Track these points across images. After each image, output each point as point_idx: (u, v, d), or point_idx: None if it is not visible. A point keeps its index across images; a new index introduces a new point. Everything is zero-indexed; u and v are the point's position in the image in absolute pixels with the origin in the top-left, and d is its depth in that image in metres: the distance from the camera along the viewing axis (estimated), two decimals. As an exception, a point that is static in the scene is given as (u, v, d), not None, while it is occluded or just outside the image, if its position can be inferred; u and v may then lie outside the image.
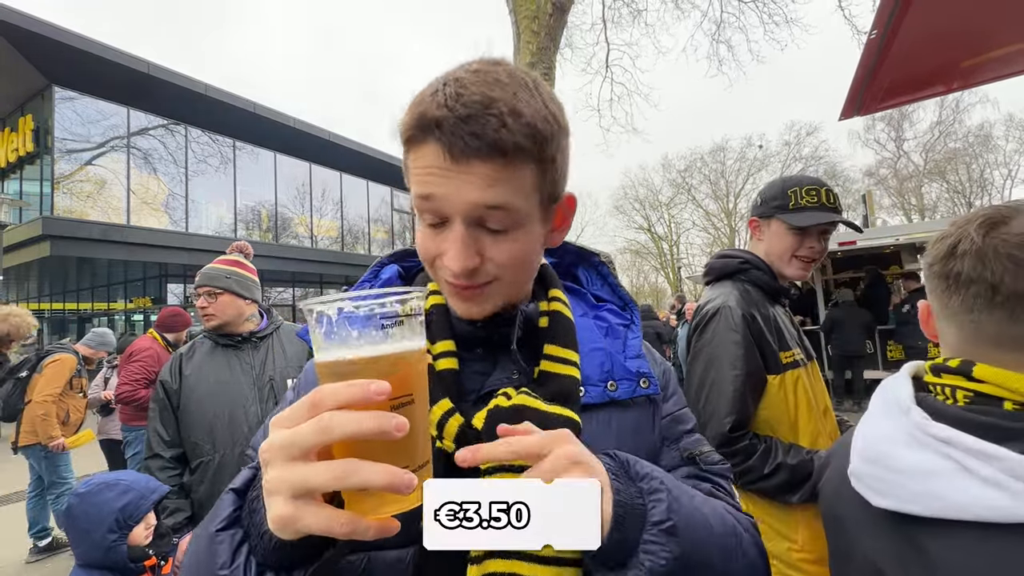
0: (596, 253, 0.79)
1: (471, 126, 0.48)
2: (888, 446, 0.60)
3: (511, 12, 5.76)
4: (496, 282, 0.57)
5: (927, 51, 1.79)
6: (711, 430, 1.24)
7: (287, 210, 15.83)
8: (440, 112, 0.49)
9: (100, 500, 1.57)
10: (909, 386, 0.64)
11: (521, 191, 0.53)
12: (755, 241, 1.53)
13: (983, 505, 0.51)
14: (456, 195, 0.51)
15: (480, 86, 0.50)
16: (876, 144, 27.78)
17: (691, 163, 31.65)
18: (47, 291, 16.62)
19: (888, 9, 1.53)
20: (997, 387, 0.57)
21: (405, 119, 0.53)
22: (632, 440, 0.63)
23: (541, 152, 0.52)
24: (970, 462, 0.52)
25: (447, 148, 0.49)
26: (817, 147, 28.77)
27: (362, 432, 0.35)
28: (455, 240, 0.52)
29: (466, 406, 0.58)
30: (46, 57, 10.24)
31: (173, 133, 13.00)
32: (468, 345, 0.63)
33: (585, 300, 0.76)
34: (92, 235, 10.85)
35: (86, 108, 11.49)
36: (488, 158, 0.49)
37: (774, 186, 1.49)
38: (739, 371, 1.26)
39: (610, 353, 0.66)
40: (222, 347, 2.07)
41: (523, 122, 0.50)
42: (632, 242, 34.14)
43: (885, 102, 2.19)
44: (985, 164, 25.60)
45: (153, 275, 13.96)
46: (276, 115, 13.91)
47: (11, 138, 11.94)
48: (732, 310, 1.34)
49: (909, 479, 0.57)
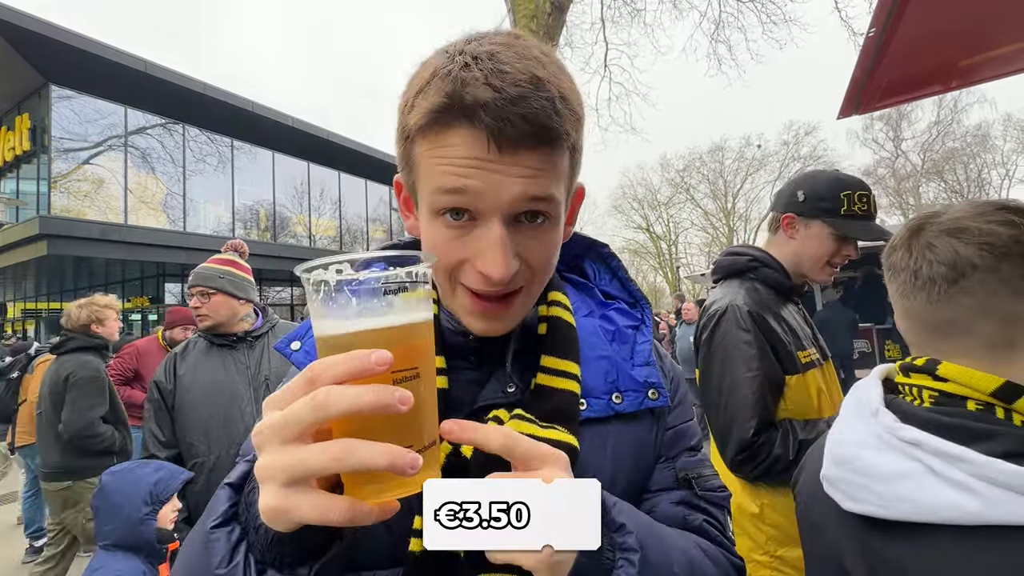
0: (605, 244, 0.71)
1: (523, 108, 0.42)
2: (857, 449, 0.60)
3: (510, 11, 5.75)
4: (523, 292, 0.52)
5: (925, 50, 1.78)
6: (735, 435, 1.19)
7: (285, 209, 15.80)
8: (484, 92, 0.42)
9: (134, 476, 1.62)
10: (879, 388, 0.65)
11: (560, 181, 0.49)
12: (783, 237, 1.39)
13: (951, 508, 0.51)
14: (499, 189, 0.45)
15: (522, 62, 0.44)
16: (874, 144, 27.85)
17: (690, 163, 31.68)
18: (44, 290, 16.55)
19: (886, 8, 1.52)
20: (961, 386, 0.57)
21: (427, 102, 0.45)
22: (630, 457, 0.59)
23: (577, 141, 0.49)
24: (938, 464, 0.52)
25: (493, 135, 0.43)
26: (815, 146, 28.80)
27: (362, 407, 0.31)
28: (495, 243, 0.46)
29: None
30: (43, 55, 10.20)
31: (171, 132, 12.96)
32: (459, 356, 0.58)
33: (592, 296, 0.69)
34: (89, 234, 10.81)
35: (83, 107, 11.45)
36: (537, 146, 0.44)
37: (821, 183, 1.33)
38: (755, 372, 1.20)
39: (616, 362, 0.61)
40: (217, 347, 2.05)
41: (570, 106, 0.46)
42: (631, 241, 34.14)
43: (883, 101, 2.18)
44: (983, 164, 25.65)
45: (151, 274, 13.92)
46: (274, 114, 13.87)
47: (8, 137, 11.89)
48: (739, 308, 1.27)
49: (878, 482, 0.57)
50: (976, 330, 0.59)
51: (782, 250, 1.40)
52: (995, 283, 0.57)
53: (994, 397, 0.55)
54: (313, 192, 16.63)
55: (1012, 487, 0.48)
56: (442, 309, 0.59)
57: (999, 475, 0.49)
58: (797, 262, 1.38)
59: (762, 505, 1.22)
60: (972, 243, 0.58)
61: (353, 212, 18.13)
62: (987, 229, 0.58)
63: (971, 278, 0.58)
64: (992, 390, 0.55)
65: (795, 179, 1.41)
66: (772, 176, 30.08)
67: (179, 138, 13.10)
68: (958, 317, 0.60)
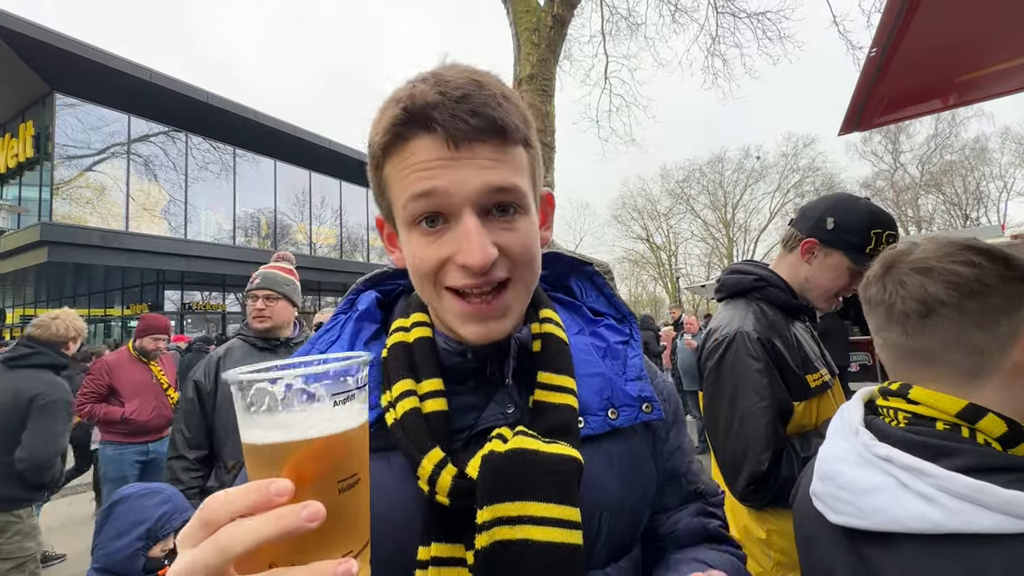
0: (589, 262, 0.74)
1: (469, 104, 0.47)
2: (839, 465, 0.66)
3: (512, 24, 5.82)
4: (511, 284, 0.52)
5: (925, 69, 1.80)
6: (748, 468, 1.15)
7: (286, 217, 15.86)
8: (432, 97, 0.47)
9: (140, 505, 1.59)
10: (860, 410, 0.71)
11: (520, 173, 0.52)
12: (797, 259, 1.32)
13: (918, 518, 0.55)
14: (463, 182, 0.48)
15: (462, 73, 0.49)
16: (873, 156, 28.02)
17: (689, 173, 31.86)
18: (44, 297, 16.55)
19: (888, 28, 1.54)
20: (929, 408, 0.63)
21: (387, 119, 0.49)
22: (633, 473, 0.61)
23: (528, 136, 0.52)
24: (907, 478, 0.58)
25: (448, 133, 0.47)
26: (814, 158, 29.03)
27: (268, 536, 0.30)
28: (468, 232, 0.48)
29: (457, 447, 0.54)
30: (48, 63, 10.30)
31: (174, 140, 13.05)
32: (457, 378, 0.58)
33: (580, 314, 0.70)
34: (90, 241, 10.84)
35: (87, 115, 11.55)
36: (490, 138, 0.48)
37: (854, 216, 1.24)
38: (767, 402, 1.16)
39: (609, 378, 0.62)
40: (259, 349, 2.12)
41: (513, 103, 0.50)
42: (630, 252, 34.26)
43: (883, 117, 2.20)
44: (981, 176, 25.80)
45: (150, 281, 13.93)
46: (277, 123, 13.98)
47: (11, 144, 11.96)
48: (748, 335, 1.22)
49: (857, 495, 0.62)
50: (946, 359, 0.64)
51: (793, 272, 1.34)
52: (961, 318, 0.63)
53: (958, 418, 0.61)
54: (314, 200, 16.70)
55: (969, 498, 0.53)
56: (436, 332, 0.58)
57: (958, 487, 0.54)
58: (806, 288, 1.33)
59: (768, 531, 1.20)
60: (939, 281, 0.64)
61: (354, 220, 18.19)
62: (952, 269, 0.64)
63: (940, 314, 0.64)
64: (956, 412, 0.61)
65: (827, 203, 1.31)
66: (771, 187, 30.30)
67: (182, 146, 13.19)
68: (930, 348, 0.66)
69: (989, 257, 0.64)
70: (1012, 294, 0.62)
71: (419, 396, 0.54)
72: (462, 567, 0.48)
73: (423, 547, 0.49)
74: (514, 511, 0.46)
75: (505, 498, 0.47)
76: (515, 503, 0.46)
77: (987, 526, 0.52)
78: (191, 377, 2.03)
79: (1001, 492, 0.52)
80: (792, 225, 1.38)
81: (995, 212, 25.41)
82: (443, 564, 0.48)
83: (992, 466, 0.56)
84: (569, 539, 0.46)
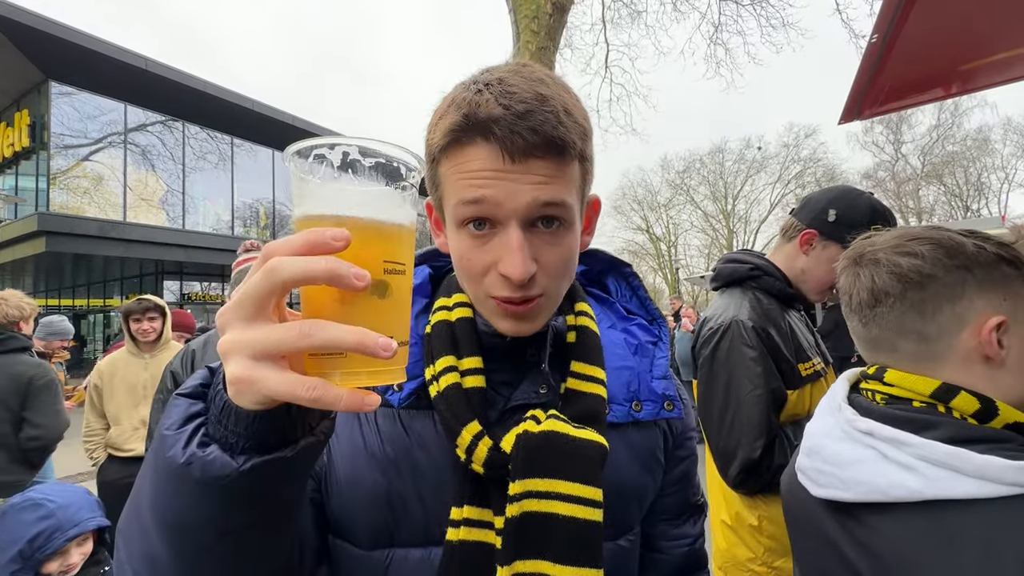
0: (628, 264, 0.77)
1: (530, 122, 0.47)
2: (823, 440, 0.69)
3: (511, 11, 5.75)
4: (544, 297, 0.55)
5: (927, 56, 1.78)
6: (741, 456, 1.16)
7: (285, 207, 15.78)
8: (495, 110, 0.47)
9: (16, 522, 1.38)
10: (845, 389, 0.75)
11: (571, 189, 0.53)
12: (795, 250, 1.33)
13: (898, 487, 0.58)
14: (514, 195, 0.49)
15: (528, 83, 0.49)
16: (874, 147, 27.88)
17: (690, 164, 31.70)
18: (42, 287, 16.54)
19: (889, 14, 1.52)
20: (904, 390, 0.66)
21: (446, 123, 0.50)
22: (646, 462, 0.65)
23: (585, 150, 0.53)
24: (887, 449, 0.60)
25: (505, 146, 0.48)
26: (816, 149, 28.86)
27: (315, 273, 0.30)
28: (513, 246, 0.50)
29: (492, 421, 0.57)
30: (43, 52, 10.18)
31: (171, 129, 12.94)
32: (495, 357, 0.61)
33: (614, 311, 0.74)
34: (88, 231, 10.79)
35: (83, 104, 11.43)
36: (546, 155, 0.49)
37: (856, 209, 1.25)
38: (761, 390, 1.17)
39: (638, 372, 0.66)
40: None
41: (574, 119, 0.51)
42: (630, 243, 34.17)
43: (884, 106, 2.18)
44: (983, 168, 25.68)
45: (149, 272, 13.91)
46: (275, 112, 13.86)
47: (7, 133, 11.87)
48: (743, 324, 1.23)
49: (840, 468, 0.64)
50: (898, 347, 0.68)
51: (789, 263, 1.34)
52: (904, 307, 0.66)
53: (933, 397, 0.63)
54: (313, 191, 16.60)
55: (947, 465, 0.55)
56: (477, 314, 0.62)
57: (936, 455, 0.56)
58: (801, 279, 1.33)
59: (760, 517, 1.21)
60: (885, 272, 0.68)
61: (353, 211, 18.09)
62: (894, 260, 0.68)
63: (884, 304, 0.68)
64: (931, 392, 0.63)
65: (831, 195, 1.31)
66: (772, 178, 30.16)
67: (179, 135, 13.09)
68: (880, 336, 0.70)
69: (934, 247, 0.66)
70: (952, 282, 0.64)
71: (460, 372, 0.58)
72: (490, 529, 0.53)
73: (455, 508, 0.54)
74: (544, 487, 0.50)
75: (537, 474, 0.51)
76: (545, 480, 0.51)
77: (964, 491, 0.54)
78: (168, 368, 1.98)
79: (975, 457, 0.54)
80: (793, 214, 1.37)
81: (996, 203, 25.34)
82: (473, 525, 0.53)
83: (968, 437, 0.58)
84: (591, 516, 0.51)
